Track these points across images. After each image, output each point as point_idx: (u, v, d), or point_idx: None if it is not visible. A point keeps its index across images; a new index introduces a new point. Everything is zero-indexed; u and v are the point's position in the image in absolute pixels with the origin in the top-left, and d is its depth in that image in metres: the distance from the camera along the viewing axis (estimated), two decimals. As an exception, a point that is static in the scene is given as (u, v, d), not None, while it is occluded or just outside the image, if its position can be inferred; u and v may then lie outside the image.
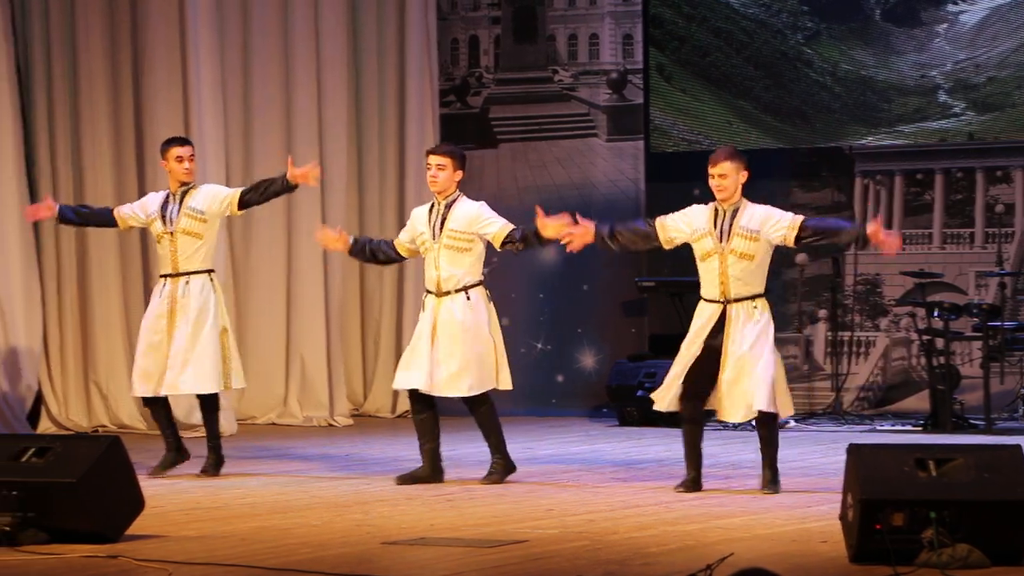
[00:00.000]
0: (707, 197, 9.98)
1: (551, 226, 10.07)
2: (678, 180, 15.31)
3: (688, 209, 9.93)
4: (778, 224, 9.69)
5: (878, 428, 13.52)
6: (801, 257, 14.06)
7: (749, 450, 12.13)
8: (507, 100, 15.78)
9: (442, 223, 10.29)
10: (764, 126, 15.03)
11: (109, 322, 13.96)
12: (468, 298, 10.24)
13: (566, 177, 15.39)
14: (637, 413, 14.10)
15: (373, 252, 10.73)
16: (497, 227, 10.27)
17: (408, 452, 12.17)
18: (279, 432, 13.89)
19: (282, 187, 10.76)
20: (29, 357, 13.40)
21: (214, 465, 10.80)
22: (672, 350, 14.46)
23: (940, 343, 13.33)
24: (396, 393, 15.29)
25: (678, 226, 9.90)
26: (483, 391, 10.29)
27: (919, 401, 14.08)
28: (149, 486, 8.77)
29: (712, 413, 10.08)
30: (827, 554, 7.55)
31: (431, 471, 10.35)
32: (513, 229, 10.28)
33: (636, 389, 14.15)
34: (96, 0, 13.87)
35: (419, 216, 10.46)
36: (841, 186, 14.75)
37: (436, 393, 10.26)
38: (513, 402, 14.88)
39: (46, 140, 13.87)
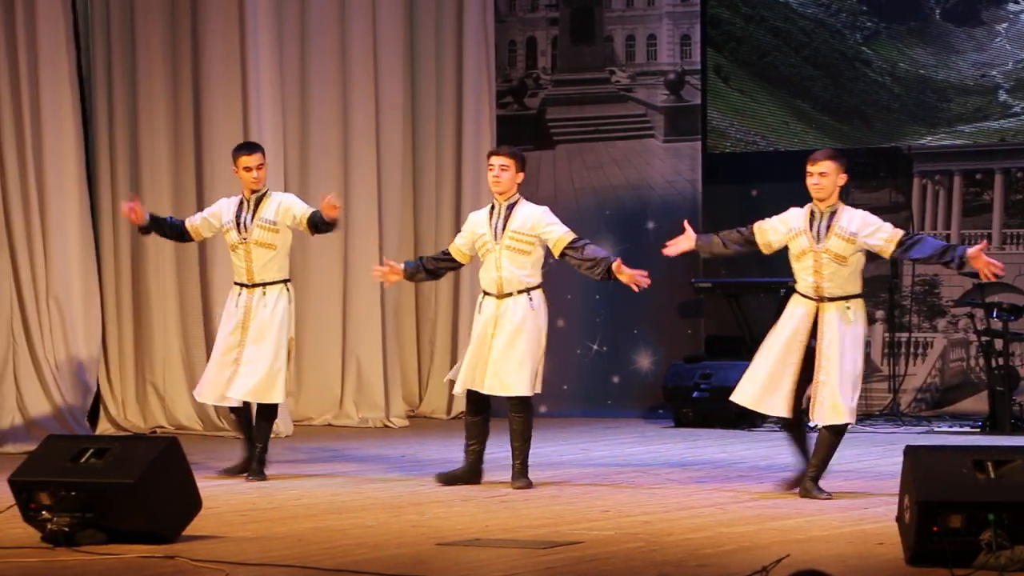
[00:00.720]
0: (764, 198, 9.98)
1: (626, 275, 10.09)
2: (735, 181, 15.32)
3: (786, 212, 9.90)
4: (877, 233, 9.62)
5: (936, 429, 13.47)
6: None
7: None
8: (564, 101, 15.79)
9: (504, 224, 10.28)
10: (822, 126, 15.00)
11: (166, 325, 14.02)
12: (531, 300, 10.22)
13: (623, 178, 15.38)
14: (693, 414, 14.10)
15: (430, 271, 10.72)
16: (559, 233, 10.23)
17: (462, 453, 12.21)
18: (335, 433, 13.93)
19: (323, 223, 10.72)
20: (88, 360, 13.47)
21: (259, 472, 10.77)
22: (728, 352, 14.59)
23: (999, 344, 13.29)
24: (451, 394, 15.33)
25: (776, 227, 9.89)
26: (532, 394, 10.24)
27: (977, 402, 14.03)
28: (205, 487, 8.81)
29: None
30: (884, 556, 7.55)
31: (470, 472, 10.35)
32: (577, 239, 10.23)
33: (692, 390, 14.15)
34: (156, 4, 13.93)
35: (478, 219, 10.46)
36: (899, 186, 14.71)
37: (496, 393, 10.23)
38: (569, 403, 14.96)
39: (106, 145, 13.94)
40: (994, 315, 13.31)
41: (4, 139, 13.04)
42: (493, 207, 10.39)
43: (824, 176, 9.74)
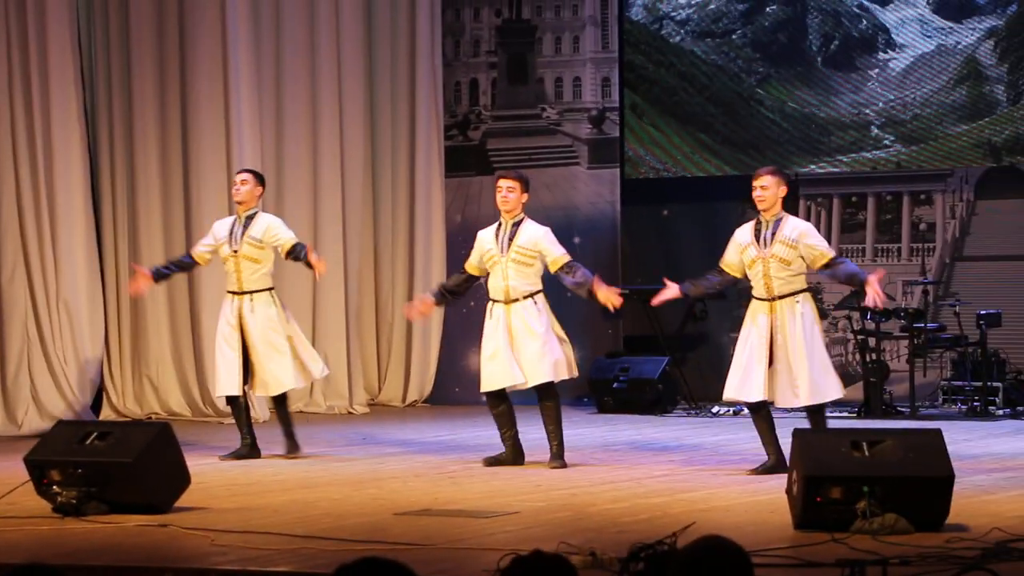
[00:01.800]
0: (674, 217, 9.98)
1: (601, 293, 9.99)
2: (649, 202, 15.35)
3: (733, 236, 9.80)
4: (814, 247, 9.56)
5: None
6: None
7: (710, 433, 12.17)
8: (502, 133, 15.79)
9: (510, 240, 10.14)
10: (722, 156, 15.04)
11: (159, 327, 13.96)
12: (536, 303, 10.11)
13: (553, 200, 15.39)
14: (613, 402, 14.12)
15: (455, 293, 10.54)
16: (557, 254, 10.12)
17: (415, 436, 12.20)
18: (306, 419, 13.87)
19: (302, 260, 10.69)
20: (93, 356, 13.39)
21: (293, 448, 10.72)
22: (643, 349, 14.61)
23: (872, 342, 13.36)
24: (407, 385, 15.32)
25: (732, 254, 9.76)
26: (560, 378, 10.11)
27: (854, 392, 14.06)
28: (194, 465, 8.76)
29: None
30: (775, 523, 7.55)
31: (514, 455, 10.21)
32: (571, 261, 10.13)
33: (612, 382, 14.17)
34: (149, 49, 13.88)
35: (486, 236, 10.28)
36: (787, 207, 14.66)
37: (528, 384, 10.07)
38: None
39: (108, 172, 13.90)
40: (868, 317, 13.38)
41: (20, 169, 12.99)
42: (500, 224, 10.23)
43: (765, 189, 9.67)
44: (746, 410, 13.61)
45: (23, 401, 12.86)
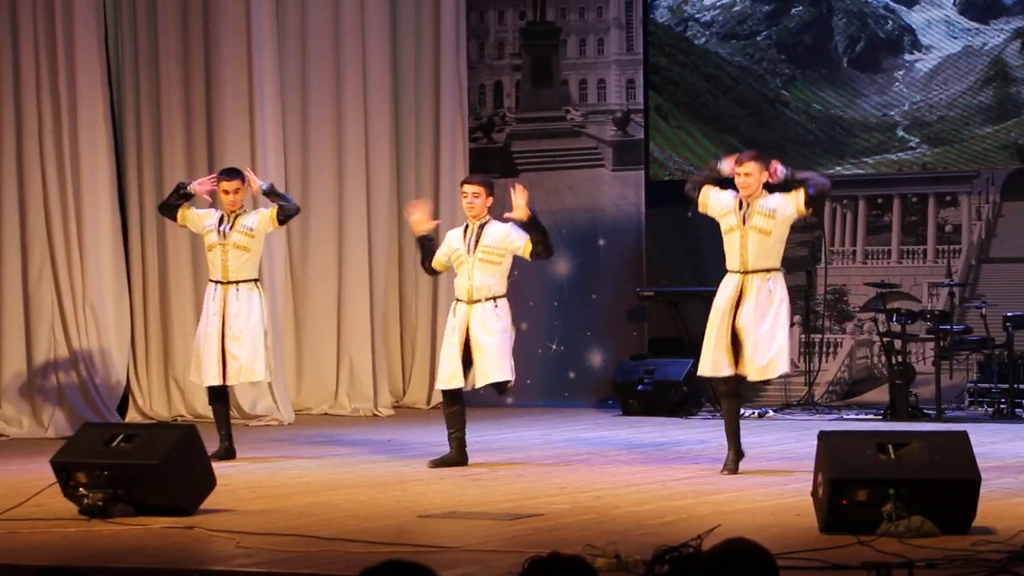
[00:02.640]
0: (697, 219, 9.98)
1: (517, 207, 10.19)
2: (673, 205, 15.30)
3: (727, 191, 9.87)
4: (787, 200, 9.67)
5: (844, 417, 13.49)
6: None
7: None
8: (526, 136, 15.78)
9: (476, 241, 10.31)
10: (747, 158, 15.00)
11: (185, 326, 13.98)
12: (496, 306, 10.25)
13: (577, 202, 15.38)
14: (638, 404, 14.10)
15: (427, 251, 10.65)
16: (523, 241, 10.31)
17: (441, 438, 12.20)
18: (330, 421, 13.91)
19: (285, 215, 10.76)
20: (119, 358, 13.43)
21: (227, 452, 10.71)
22: (669, 351, 14.60)
23: (898, 344, 13.32)
24: (431, 387, 15.32)
25: (715, 199, 9.85)
26: (513, 377, 10.31)
27: (880, 394, 14.05)
28: (219, 467, 8.79)
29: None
30: (800, 525, 7.55)
31: (458, 456, 10.35)
32: (534, 238, 10.31)
33: (637, 384, 14.15)
34: (175, 52, 13.93)
35: (454, 236, 10.51)
36: (816, 210, 14.69)
37: (480, 384, 10.26)
38: (531, 395, 14.94)
39: (135, 175, 13.95)
40: (894, 319, 13.35)
41: (47, 170, 13.05)
42: (467, 227, 10.43)
43: (749, 176, 9.74)
44: (771, 412, 13.70)
45: (49, 403, 12.91)
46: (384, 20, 14.93)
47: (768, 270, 9.69)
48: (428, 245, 10.70)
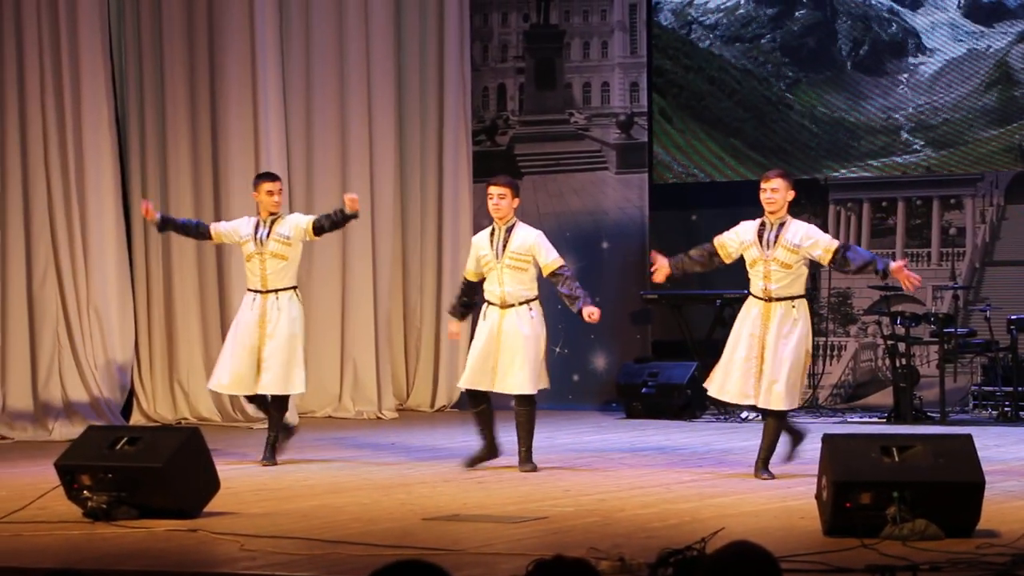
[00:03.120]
0: (702, 222, 9.97)
1: (586, 311, 10.08)
2: (677, 207, 15.34)
3: (738, 226, 9.84)
4: (815, 244, 9.60)
5: (849, 420, 13.50)
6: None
7: (739, 438, 12.15)
8: (530, 139, 15.79)
9: (504, 246, 10.16)
10: (751, 161, 15.02)
11: (189, 330, 14.00)
12: (531, 311, 10.14)
13: (580, 205, 15.39)
14: (642, 407, 14.11)
15: (470, 304, 10.54)
16: (548, 260, 10.16)
17: (444, 441, 12.21)
18: (334, 424, 13.92)
19: (343, 217, 10.75)
20: (123, 361, 13.44)
21: (271, 457, 10.68)
22: (672, 354, 14.61)
23: (902, 347, 13.32)
24: (435, 390, 15.33)
25: (731, 239, 9.81)
26: (536, 390, 10.18)
27: (884, 397, 14.06)
28: (223, 470, 8.79)
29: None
30: (805, 528, 7.54)
31: (489, 450, 10.25)
32: (562, 267, 10.17)
33: (641, 387, 14.16)
34: (180, 57, 13.94)
35: (480, 241, 10.32)
36: (817, 212, 14.73)
37: (502, 391, 10.12)
38: (536, 398, 14.94)
39: (139, 179, 13.96)
40: (898, 322, 13.35)
41: (51, 175, 13.06)
42: (494, 230, 10.25)
43: (776, 192, 9.66)
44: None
45: (54, 406, 12.92)
46: (388, 23, 14.94)
47: (792, 298, 9.65)
48: (460, 308, 10.60)
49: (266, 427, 11.00)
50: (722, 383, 9.74)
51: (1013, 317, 13.14)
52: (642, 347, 15.09)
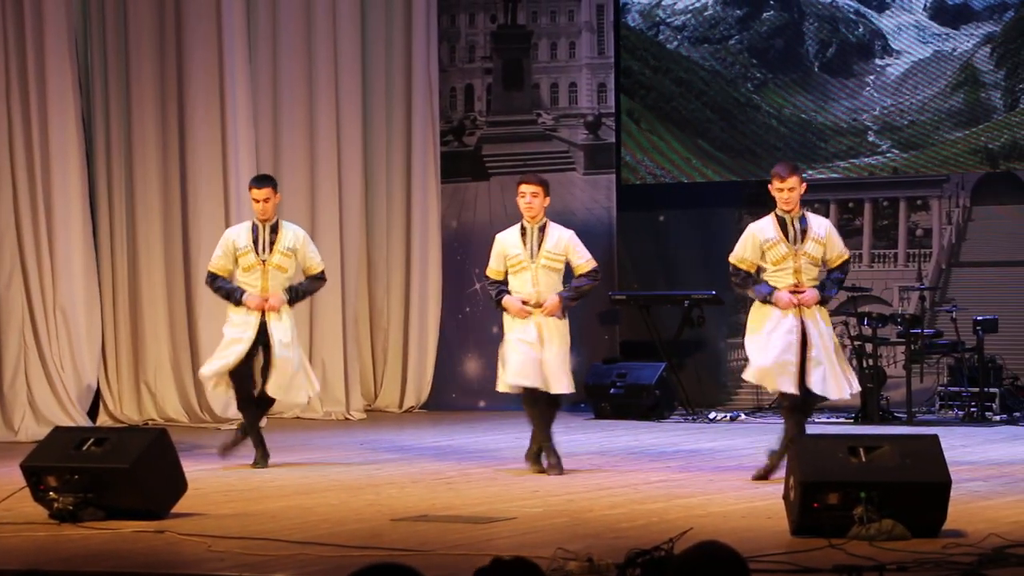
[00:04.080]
0: (669, 223, 9.96)
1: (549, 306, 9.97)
2: (645, 208, 15.36)
3: (749, 232, 9.68)
4: (834, 247, 9.64)
5: (816, 421, 13.50)
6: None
7: (707, 438, 12.18)
8: (497, 139, 15.80)
9: (539, 245, 10.06)
10: (719, 162, 15.05)
11: (157, 332, 13.97)
12: (564, 312, 10.09)
13: (549, 206, 15.38)
14: (610, 408, 14.12)
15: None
16: (583, 260, 10.11)
17: (412, 442, 12.21)
18: (303, 425, 13.90)
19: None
20: (90, 362, 13.39)
21: (263, 457, 10.66)
22: (640, 354, 14.62)
23: (869, 348, 13.37)
24: (403, 390, 15.32)
25: (753, 246, 9.61)
26: (569, 391, 10.11)
27: (851, 397, 14.09)
28: (191, 471, 8.77)
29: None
30: (772, 528, 7.56)
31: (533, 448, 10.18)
32: (593, 270, 10.14)
33: (609, 387, 14.17)
34: (148, 54, 13.91)
35: (510, 241, 10.12)
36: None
37: (551, 390, 9.95)
38: (504, 398, 14.91)
39: (104, 179, 13.93)
40: (865, 323, 13.39)
41: (17, 175, 13.02)
42: (524, 229, 10.13)
43: (792, 191, 9.57)
44: (743, 415, 13.72)
45: (20, 407, 12.86)
46: (355, 23, 14.93)
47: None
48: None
49: (236, 427, 10.98)
50: (771, 373, 9.49)
51: (979, 318, 13.20)
52: (610, 348, 15.10)
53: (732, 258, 9.73)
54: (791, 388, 9.48)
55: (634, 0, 15.31)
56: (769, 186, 9.73)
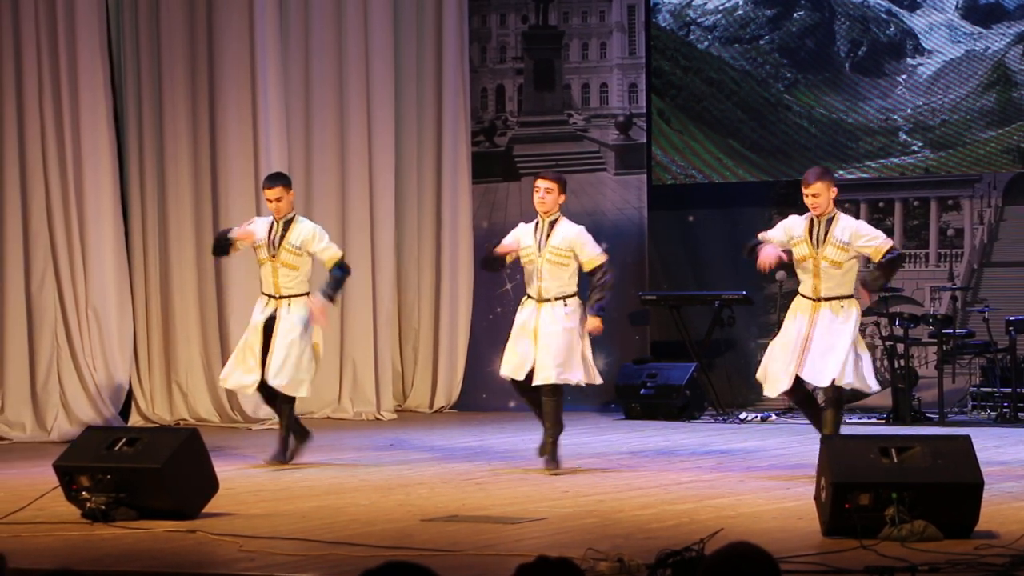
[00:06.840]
0: (700, 223, 9.96)
1: (591, 323, 10.12)
2: (675, 208, 15.34)
3: (787, 220, 9.79)
4: (869, 241, 9.57)
5: (847, 421, 13.45)
6: (780, 274, 14.01)
7: (737, 439, 12.15)
8: (528, 140, 15.79)
9: (546, 239, 10.12)
10: (749, 162, 15.01)
11: (188, 332, 14.00)
12: (566, 306, 10.11)
13: (579, 206, 15.35)
14: (640, 408, 14.10)
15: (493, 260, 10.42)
16: (590, 255, 10.15)
17: (443, 442, 12.21)
18: (333, 425, 13.91)
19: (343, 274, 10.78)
20: (122, 362, 13.43)
21: (282, 453, 10.69)
22: (671, 354, 14.60)
23: (901, 348, 13.32)
24: (434, 391, 15.32)
25: (777, 236, 9.72)
26: (564, 382, 10.11)
27: (882, 398, 14.01)
28: (222, 471, 8.78)
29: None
30: (803, 529, 7.54)
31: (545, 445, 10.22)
32: (602, 264, 10.15)
33: (640, 388, 14.15)
34: (180, 56, 13.94)
35: (525, 232, 10.26)
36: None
37: (536, 383, 10.03)
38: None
39: (137, 180, 13.97)
40: (896, 323, 13.35)
41: (50, 176, 13.06)
42: (538, 223, 10.21)
43: (817, 196, 9.58)
44: (774, 416, 13.69)
45: (52, 407, 12.91)
46: (387, 24, 14.93)
47: (841, 298, 9.60)
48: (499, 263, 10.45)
49: (267, 428, 10.99)
50: (771, 380, 9.65)
51: (1011, 318, 13.13)
52: (641, 348, 15.08)
53: (760, 234, 9.83)
54: (785, 386, 9.59)
55: (665, 0, 15.28)
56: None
